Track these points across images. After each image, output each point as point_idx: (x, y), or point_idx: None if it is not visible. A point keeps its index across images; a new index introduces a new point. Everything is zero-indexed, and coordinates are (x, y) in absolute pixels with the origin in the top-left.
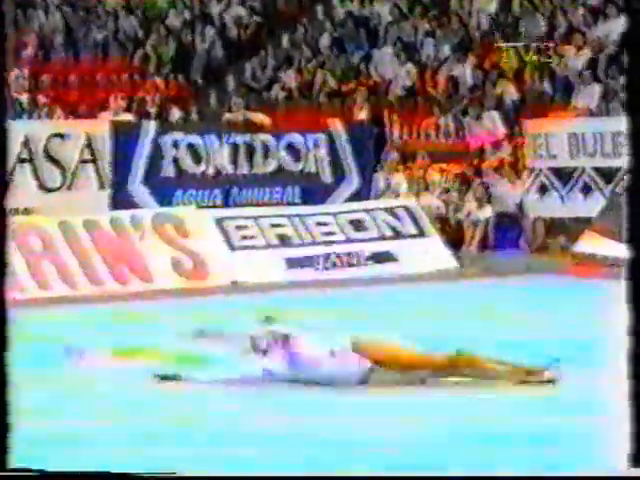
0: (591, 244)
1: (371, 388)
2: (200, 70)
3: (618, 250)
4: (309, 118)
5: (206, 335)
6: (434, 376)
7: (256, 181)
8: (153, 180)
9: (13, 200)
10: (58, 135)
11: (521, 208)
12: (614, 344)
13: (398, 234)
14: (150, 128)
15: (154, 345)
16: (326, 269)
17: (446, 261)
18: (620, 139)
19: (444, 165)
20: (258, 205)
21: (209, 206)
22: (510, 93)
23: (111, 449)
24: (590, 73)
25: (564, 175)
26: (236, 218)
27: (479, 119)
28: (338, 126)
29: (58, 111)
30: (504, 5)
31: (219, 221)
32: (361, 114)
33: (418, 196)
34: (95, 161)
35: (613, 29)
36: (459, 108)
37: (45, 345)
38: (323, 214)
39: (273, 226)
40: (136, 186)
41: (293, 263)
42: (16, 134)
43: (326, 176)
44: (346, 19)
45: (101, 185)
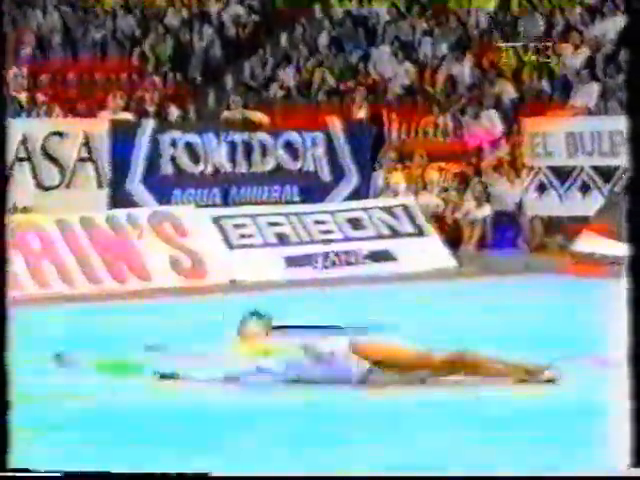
0: (589, 243)
1: (370, 389)
2: (198, 69)
3: (616, 249)
4: (307, 117)
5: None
6: (434, 376)
7: (255, 180)
8: (152, 179)
9: (11, 198)
10: (56, 134)
11: (520, 207)
12: (614, 343)
13: (396, 233)
14: (148, 127)
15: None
16: (324, 268)
17: (444, 260)
18: (618, 138)
19: (442, 164)
20: (257, 204)
21: (208, 205)
22: (508, 92)
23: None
24: (588, 72)
25: (562, 174)
26: (234, 217)
27: (477, 118)
28: (336, 125)
29: (56, 110)
30: (502, 4)
31: (217, 220)
32: (360, 113)
33: (417, 195)
34: (93, 160)
35: (611, 28)
36: (457, 107)
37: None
38: (321, 213)
39: (271, 225)
40: (135, 185)
41: (291, 262)
42: (14, 132)
43: (325, 175)
44: (344, 18)
45: (99, 184)
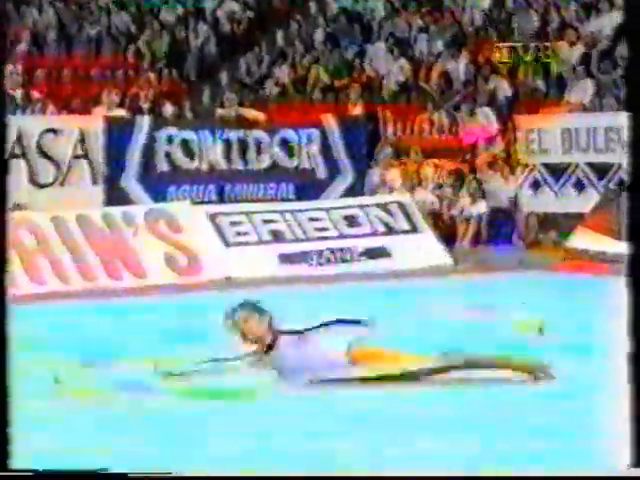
0: (584, 239)
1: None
2: (194, 66)
3: (611, 246)
4: (303, 114)
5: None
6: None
7: (250, 177)
8: (147, 176)
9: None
10: (51, 130)
11: (515, 203)
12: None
13: (391, 230)
14: (143, 124)
15: None
16: (319, 265)
17: (439, 256)
18: (613, 134)
19: (437, 161)
20: (253, 201)
21: (203, 202)
22: (503, 89)
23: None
24: (583, 68)
25: (557, 170)
26: (229, 214)
27: (472, 115)
28: (331, 122)
29: (51, 106)
30: (497, 1)
31: (212, 217)
32: (355, 110)
33: (412, 192)
34: (88, 157)
35: (606, 24)
36: (451, 104)
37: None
38: (316, 210)
39: (266, 222)
40: (130, 182)
41: (286, 259)
42: (9, 129)
43: (320, 172)
44: (340, 14)
45: (95, 181)
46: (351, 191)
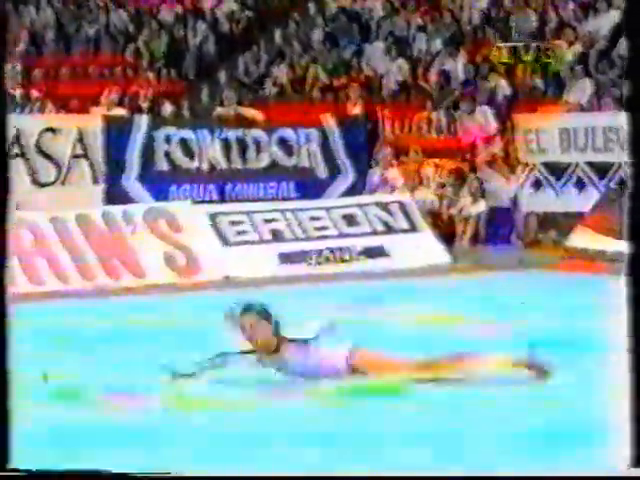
0: (583, 239)
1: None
2: (192, 65)
3: (611, 245)
4: (302, 113)
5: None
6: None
7: (251, 176)
8: (147, 175)
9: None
10: (50, 130)
11: (515, 203)
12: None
13: (390, 229)
14: (142, 123)
15: None
16: (319, 264)
17: (438, 256)
18: (611, 134)
19: (437, 160)
20: (253, 201)
21: (204, 201)
22: (502, 88)
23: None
24: (582, 68)
25: (558, 170)
26: (229, 213)
27: (471, 114)
28: (330, 121)
29: (50, 106)
30: (495, 0)
31: (212, 216)
32: (354, 109)
33: (413, 191)
34: (88, 156)
35: (604, 24)
36: (450, 103)
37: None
38: (316, 209)
39: (266, 221)
40: (130, 181)
41: (286, 258)
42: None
43: (320, 171)
44: (338, 14)
45: (94, 180)
46: (352, 190)
